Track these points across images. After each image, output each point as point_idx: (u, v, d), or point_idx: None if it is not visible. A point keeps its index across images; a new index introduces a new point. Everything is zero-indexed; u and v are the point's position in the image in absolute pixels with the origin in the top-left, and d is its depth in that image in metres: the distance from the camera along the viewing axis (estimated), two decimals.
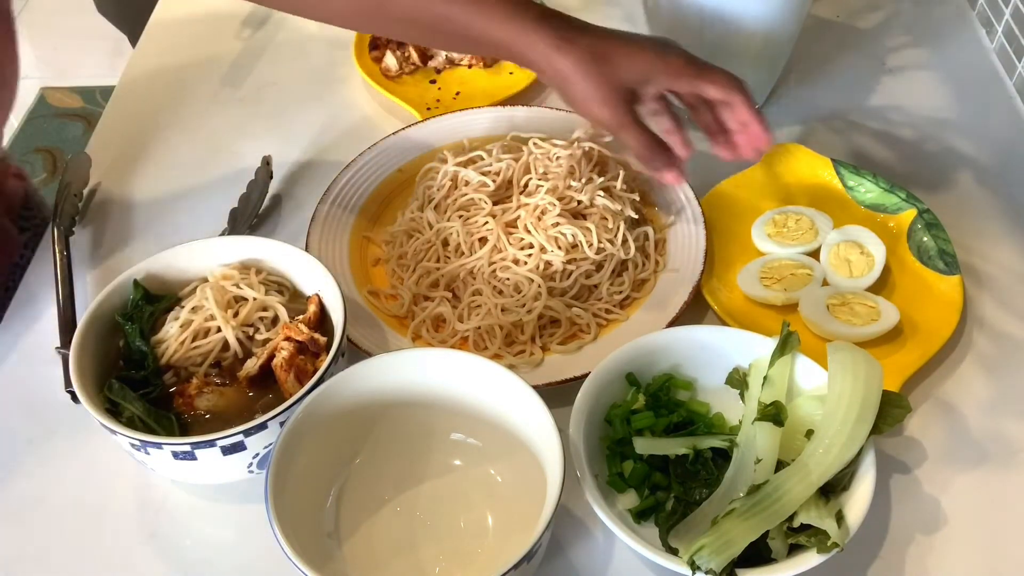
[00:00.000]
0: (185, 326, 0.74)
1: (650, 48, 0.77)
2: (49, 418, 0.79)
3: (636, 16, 1.13)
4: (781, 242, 0.86)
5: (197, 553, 0.72)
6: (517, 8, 0.76)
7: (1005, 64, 1.06)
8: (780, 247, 0.85)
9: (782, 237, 0.86)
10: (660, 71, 0.77)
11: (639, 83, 0.77)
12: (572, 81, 0.76)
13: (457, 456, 0.73)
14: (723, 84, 0.77)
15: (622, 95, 0.76)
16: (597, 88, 0.76)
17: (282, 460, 0.64)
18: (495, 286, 0.83)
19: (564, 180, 0.86)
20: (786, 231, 0.86)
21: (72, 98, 2.51)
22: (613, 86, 0.76)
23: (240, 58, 1.13)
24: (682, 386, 0.75)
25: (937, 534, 0.70)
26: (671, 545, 0.65)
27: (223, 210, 0.93)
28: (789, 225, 0.86)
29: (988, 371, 0.80)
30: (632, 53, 0.76)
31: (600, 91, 0.76)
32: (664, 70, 0.77)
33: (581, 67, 0.75)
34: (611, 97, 0.76)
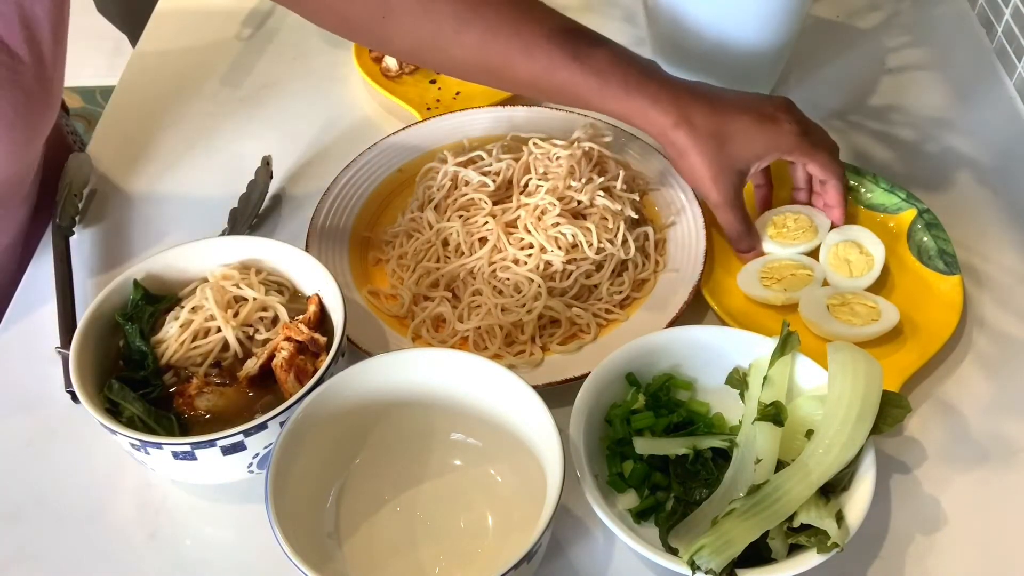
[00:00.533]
0: (185, 326, 0.74)
1: (766, 126, 0.79)
2: (49, 418, 0.79)
3: (636, 16, 1.13)
4: (782, 242, 0.86)
5: (197, 553, 0.72)
6: (635, 84, 0.78)
7: (1005, 64, 1.06)
8: (781, 247, 0.85)
9: (782, 237, 0.86)
10: (772, 151, 0.80)
11: (751, 163, 0.80)
12: (687, 157, 0.80)
13: (457, 456, 0.73)
14: (825, 166, 0.82)
15: (733, 177, 0.80)
16: (709, 168, 0.79)
17: (282, 460, 0.64)
18: (495, 286, 0.83)
19: (564, 180, 0.86)
20: (786, 231, 0.86)
21: (72, 98, 2.51)
22: (726, 167, 0.79)
23: (240, 58, 1.13)
24: (682, 386, 0.75)
25: (937, 534, 0.70)
26: (671, 545, 0.65)
27: (223, 210, 0.93)
28: (788, 225, 0.86)
29: (988, 371, 0.80)
30: (750, 134, 0.79)
31: (712, 171, 0.79)
32: (776, 150, 0.80)
33: (699, 147, 0.79)
34: (721, 179, 0.80)
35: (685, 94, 0.79)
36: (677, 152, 0.80)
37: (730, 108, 0.79)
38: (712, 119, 0.79)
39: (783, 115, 0.80)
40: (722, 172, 0.79)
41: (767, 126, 0.80)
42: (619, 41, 1.07)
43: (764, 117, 0.80)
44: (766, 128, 0.80)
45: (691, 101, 0.79)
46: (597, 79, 0.78)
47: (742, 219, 0.82)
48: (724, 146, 0.79)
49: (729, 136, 0.79)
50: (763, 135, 0.80)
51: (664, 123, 0.79)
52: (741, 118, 0.79)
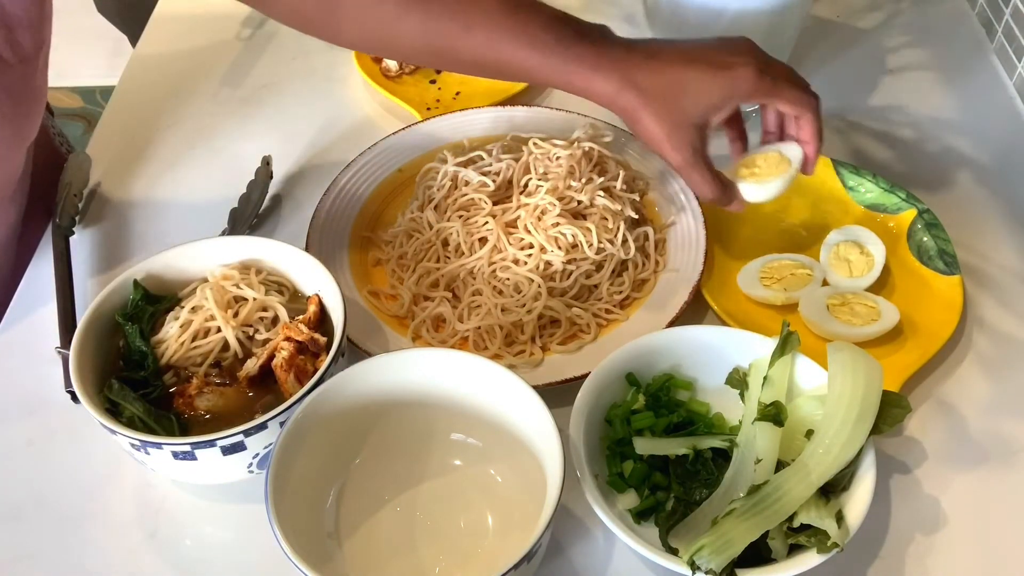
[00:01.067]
0: (185, 326, 0.74)
1: (718, 71, 0.74)
2: (49, 418, 0.79)
3: (636, 16, 1.13)
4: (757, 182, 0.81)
5: (197, 553, 0.72)
6: (576, 55, 0.74)
7: (1005, 64, 1.06)
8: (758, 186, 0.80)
9: (756, 178, 0.81)
10: (729, 99, 0.75)
11: (707, 115, 0.75)
12: (640, 121, 0.75)
13: (457, 456, 0.73)
14: (794, 101, 0.76)
15: (690, 134, 0.75)
16: (662, 128, 0.74)
17: (282, 460, 0.64)
18: (495, 286, 0.83)
19: (564, 180, 0.86)
20: (758, 171, 0.82)
21: (72, 98, 2.51)
22: (680, 124, 0.74)
23: (240, 58, 1.13)
24: (682, 386, 0.75)
25: (937, 534, 0.70)
26: (671, 545, 0.65)
27: (223, 210, 0.93)
28: (759, 164, 0.82)
29: (988, 371, 0.80)
30: (702, 85, 0.74)
31: (665, 130, 0.74)
32: (733, 97, 0.75)
33: (648, 108, 0.74)
34: (677, 138, 0.75)
35: (627, 56, 0.74)
36: (629, 119, 0.75)
37: (677, 61, 0.74)
38: (658, 77, 0.74)
39: (738, 58, 0.74)
40: (677, 130, 0.74)
41: (720, 73, 0.74)
42: None
43: (716, 65, 0.74)
44: (719, 76, 0.74)
45: (634, 62, 0.74)
46: (538, 53, 0.74)
47: (709, 177, 0.76)
48: (675, 103, 0.74)
49: (679, 91, 0.74)
50: (716, 83, 0.74)
51: (609, 91, 0.74)
52: (690, 70, 0.74)
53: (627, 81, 0.74)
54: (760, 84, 0.74)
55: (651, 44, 0.76)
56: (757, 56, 0.75)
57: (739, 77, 0.74)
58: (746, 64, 0.74)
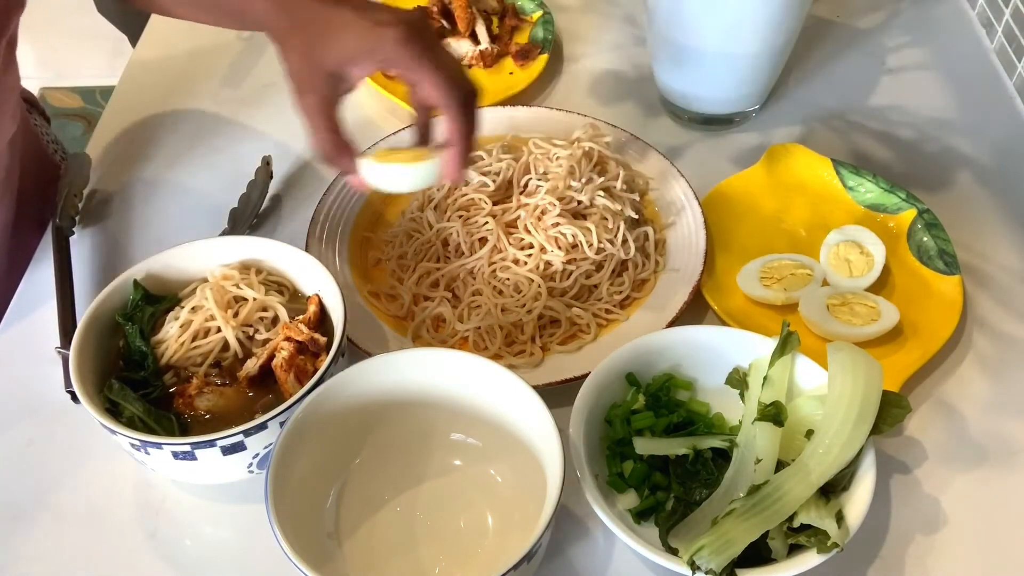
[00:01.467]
0: (185, 326, 0.74)
1: (370, 27, 0.68)
2: (49, 418, 0.79)
3: (636, 16, 1.13)
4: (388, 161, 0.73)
5: (197, 553, 0.72)
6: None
7: (1005, 64, 1.06)
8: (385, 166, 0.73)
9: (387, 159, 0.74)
10: (368, 52, 0.68)
11: (343, 65, 0.69)
12: (280, 47, 0.71)
13: (457, 456, 0.73)
14: (435, 86, 0.69)
15: (320, 78, 0.69)
16: (297, 62, 0.70)
17: (282, 460, 0.64)
18: (495, 286, 0.83)
19: (564, 180, 0.86)
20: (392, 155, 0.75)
21: (72, 98, 2.51)
22: (315, 65, 0.69)
23: (240, 58, 1.13)
24: (682, 386, 0.75)
25: (937, 534, 0.70)
26: (671, 545, 0.65)
27: (223, 210, 0.93)
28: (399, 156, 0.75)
29: (988, 371, 0.80)
30: (347, 31, 0.68)
31: (297, 65, 0.70)
32: (371, 55, 0.68)
33: (292, 39, 0.70)
34: (308, 77, 0.69)
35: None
36: (276, 46, 0.71)
37: (337, 4, 0.69)
38: (311, 12, 0.69)
39: (395, 22, 0.68)
40: (310, 69, 0.69)
41: (368, 27, 0.68)
42: (619, 41, 1.07)
43: (369, 19, 0.68)
44: (368, 30, 0.68)
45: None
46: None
47: (325, 128, 0.70)
48: (317, 40, 0.69)
49: (324, 31, 0.69)
50: (360, 35, 0.68)
51: (264, 9, 0.71)
52: (341, 15, 0.69)
53: (282, 7, 0.71)
54: (401, 51, 0.68)
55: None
56: (415, 28, 0.69)
57: (384, 36, 0.68)
58: (396, 27, 0.68)
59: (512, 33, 1.12)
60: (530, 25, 1.12)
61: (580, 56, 1.11)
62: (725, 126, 1.01)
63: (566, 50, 1.12)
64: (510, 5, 1.13)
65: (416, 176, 0.71)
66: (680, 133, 1.01)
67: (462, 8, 1.09)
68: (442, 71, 0.69)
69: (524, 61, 1.07)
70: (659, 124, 1.02)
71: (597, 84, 1.07)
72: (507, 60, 1.09)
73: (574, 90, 1.07)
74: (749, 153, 0.98)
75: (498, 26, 1.11)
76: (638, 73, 1.08)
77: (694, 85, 0.98)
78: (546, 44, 1.09)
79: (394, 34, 0.67)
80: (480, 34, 1.09)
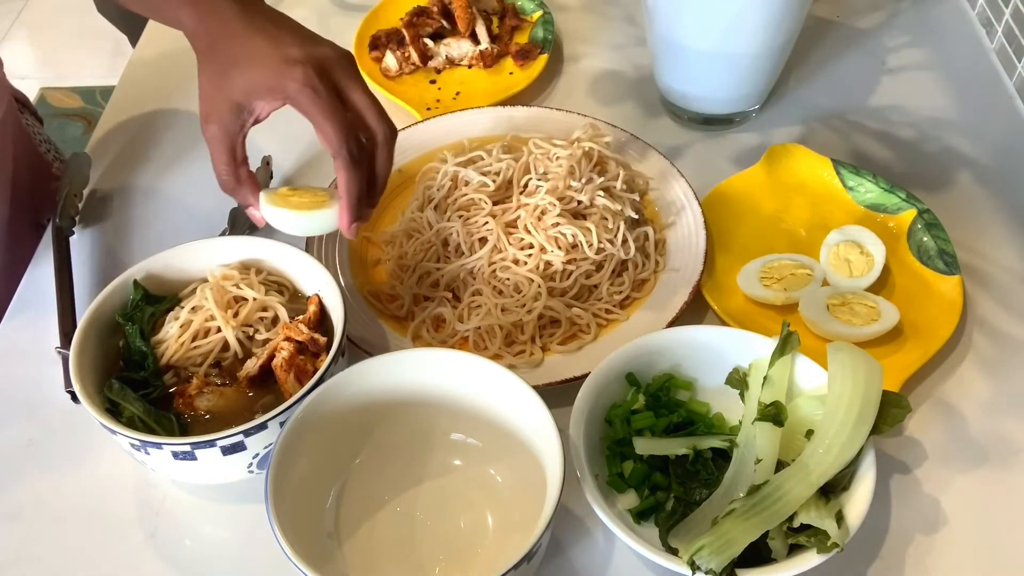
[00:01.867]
0: (185, 326, 0.74)
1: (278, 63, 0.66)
2: (49, 418, 0.79)
3: (636, 16, 1.13)
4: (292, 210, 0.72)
5: (197, 553, 0.72)
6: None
7: (1005, 64, 1.06)
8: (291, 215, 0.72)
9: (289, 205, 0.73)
10: (268, 90, 0.67)
11: (247, 98, 0.68)
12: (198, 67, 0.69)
13: (457, 456, 0.73)
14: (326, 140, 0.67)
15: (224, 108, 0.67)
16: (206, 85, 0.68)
17: (282, 460, 0.64)
18: (495, 286, 0.83)
19: (564, 180, 0.86)
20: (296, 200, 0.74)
21: (72, 98, 2.51)
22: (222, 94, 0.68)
23: None
24: (682, 386, 0.75)
25: (937, 534, 0.70)
26: (671, 545, 0.65)
27: (223, 210, 0.93)
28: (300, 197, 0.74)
29: (988, 371, 0.80)
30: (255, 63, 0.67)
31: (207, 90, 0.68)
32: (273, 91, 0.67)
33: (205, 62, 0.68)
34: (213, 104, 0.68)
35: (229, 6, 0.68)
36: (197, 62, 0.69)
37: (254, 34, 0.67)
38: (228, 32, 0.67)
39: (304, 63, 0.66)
40: (217, 97, 0.67)
41: (277, 64, 0.66)
42: (619, 41, 1.07)
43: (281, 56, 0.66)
44: (274, 66, 0.66)
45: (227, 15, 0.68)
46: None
47: (225, 160, 0.69)
48: (226, 69, 0.67)
49: (234, 59, 0.67)
50: (265, 71, 0.66)
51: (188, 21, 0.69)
52: (255, 42, 0.66)
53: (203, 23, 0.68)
54: (300, 95, 0.66)
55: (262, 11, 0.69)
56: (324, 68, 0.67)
57: (287, 76, 0.66)
58: (303, 67, 0.66)
59: (512, 33, 1.12)
60: (530, 25, 1.12)
61: (580, 56, 1.11)
62: (725, 126, 1.01)
63: (566, 50, 1.12)
64: (510, 5, 1.13)
65: (310, 224, 0.70)
66: (680, 133, 1.01)
67: (462, 8, 1.09)
68: (333, 121, 0.66)
69: (524, 61, 1.07)
70: (659, 124, 1.02)
71: (597, 84, 1.07)
72: (507, 60, 1.09)
73: (574, 90, 1.07)
74: (749, 153, 0.98)
75: (498, 26, 1.12)
76: (638, 73, 1.08)
77: (694, 85, 0.98)
78: (546, 44, 1.09)
79: (298, 75, 0.66)
80: (480, 34, 1.09)
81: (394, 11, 1.13)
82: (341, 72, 0.68)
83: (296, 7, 1.20)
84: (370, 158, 0.70)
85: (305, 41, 0.68)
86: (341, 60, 0.69)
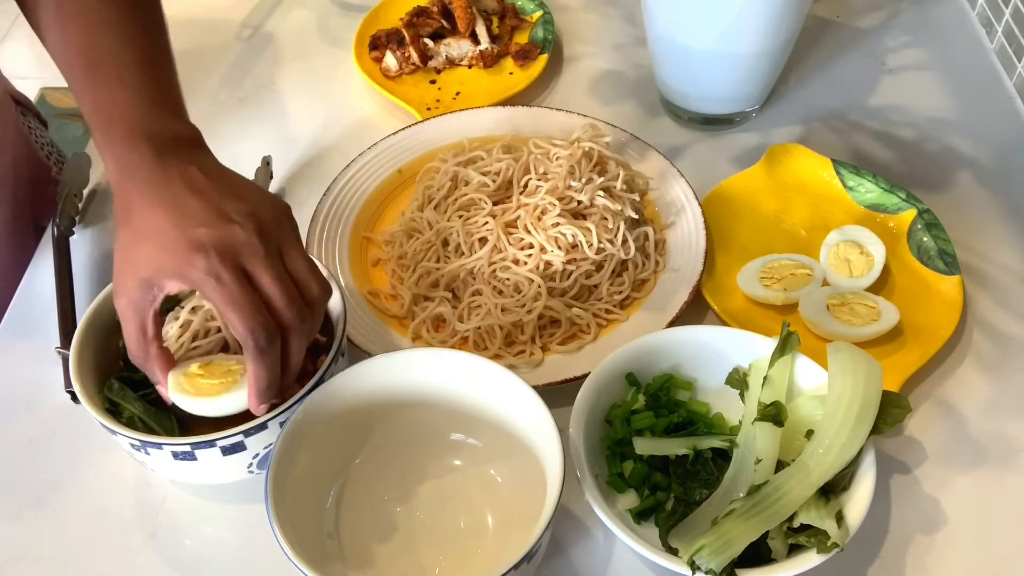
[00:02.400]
0: (185, 327, 0.74)
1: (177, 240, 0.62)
2: (49, 418, 0.79)
3: (636, 16, 1.13)
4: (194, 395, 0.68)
5: (197, 553, 0.72)
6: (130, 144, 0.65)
7: (1005, 64, 1.06)
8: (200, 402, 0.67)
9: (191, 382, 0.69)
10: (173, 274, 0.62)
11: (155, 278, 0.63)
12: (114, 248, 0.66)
13: (457, 456, 0.73)
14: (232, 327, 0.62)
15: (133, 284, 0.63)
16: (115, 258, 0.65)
17: (282, 460, 0.64)
18: (495, 286, 0.83)
19: (564, 180, 0.86)
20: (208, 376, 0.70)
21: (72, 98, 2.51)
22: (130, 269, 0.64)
23: (240, 58, 1.13)
24: (682, 386, 0.75)
25: (937, 534, 0.70)
26: (671, 545, 0.65)
27: None
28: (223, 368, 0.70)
29: (988, 371, 0.80)
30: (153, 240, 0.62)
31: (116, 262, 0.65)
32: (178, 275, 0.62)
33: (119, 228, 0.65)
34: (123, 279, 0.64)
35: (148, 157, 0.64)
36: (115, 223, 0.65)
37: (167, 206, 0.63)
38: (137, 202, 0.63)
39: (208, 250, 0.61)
40: (126, 272, 0.64)
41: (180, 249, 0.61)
42: (619, 41, 1.07)
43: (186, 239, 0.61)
44: (177, 251, 0.61)
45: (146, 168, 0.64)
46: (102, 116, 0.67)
47: (136, 333, 0.65)
48: (138, 242, 0.63)
49: (141, 235, 0.63)
50: (168, 255, 0.62)
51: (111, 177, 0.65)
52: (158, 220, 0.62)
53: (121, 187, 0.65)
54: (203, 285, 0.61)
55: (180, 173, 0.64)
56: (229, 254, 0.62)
57: (189, 264, 0.61)
58: (206, 255, 0.61)
59: (512, 33, 1.12)
60: (530, 25, 1.12)
61: (580, 56, 1.11)
62: (725, 126, 1.01)
63: (566, 50, 1.12)
64: (510, 5, 1.13)
65: (218, 408, 0.67)
66: (680, 133, 1.01)
67: (462, 8, 1.09)
68: (238, 312, 0.61)
69: (524, 61, 1.07)
70: (659, 124, 1.02)
71: (597, 84, 1.07)
72: (507, 60, 1.09)
73: (574, 90, 1.07)
74: (749, 153, 0.98)
75: (498, 26, 1.11)
76: (638, 73, 1.08)
77: (694, 85, 0.98)
78: (546, 44, 1.09)
79: (200, 263, 0.61)
80: (480, 34, 1.09)
81: (394, 11, 1.13)
82: (256, 248, 0.63)
83: (296, 7, 1.20)
84: (284, 344, 0.64)
85: (215, 219, 0.63)
86: (261, 231, 0.63)
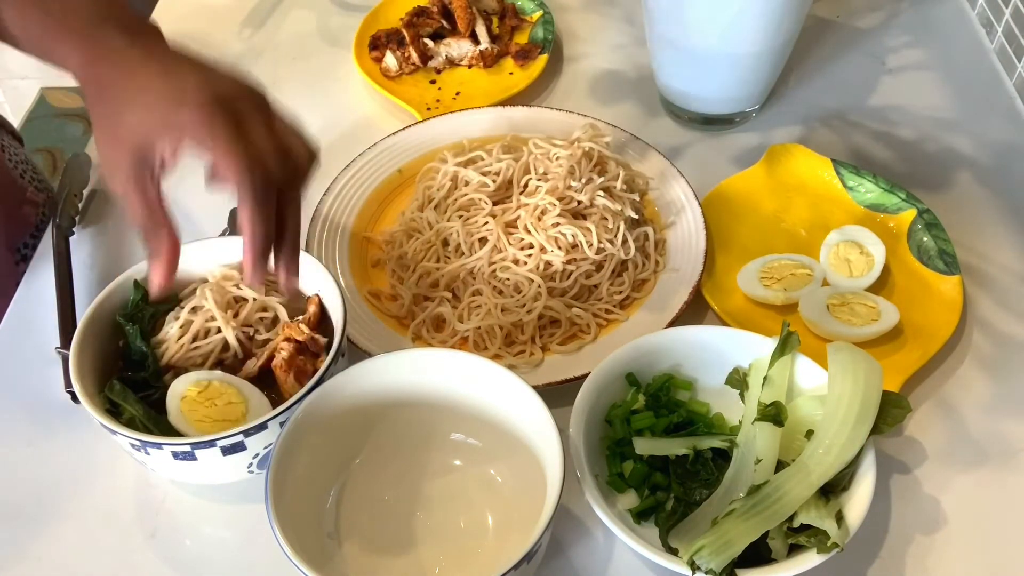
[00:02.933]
0: (185, 327, 0.74)
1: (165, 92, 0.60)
2: (49, 418, 0.79)
3: (636, 16, 1.13)
4: None
5: (197, 553, 0.72)
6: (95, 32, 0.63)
7: (1005, 64, 1.06)
8: None
9: None
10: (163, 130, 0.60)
11: (145, 143, 0.60)
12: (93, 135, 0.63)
13: (457, 456, 0.73)
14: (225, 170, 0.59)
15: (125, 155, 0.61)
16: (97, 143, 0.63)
17: (282, 460, 0.64)
18: (495, 286, 0.83)
19: (564, 180, 0.86)
20: None
21: (72, 98, 2.51)
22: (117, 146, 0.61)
23: (240, 58, 1.13)
24: (682, 386, 0.75)
25: (937, 534, 0.70)
26: (671, 545, 0.65)
27: (223, 210, 0.92)
28: None
29: (988, 371, 0.80)
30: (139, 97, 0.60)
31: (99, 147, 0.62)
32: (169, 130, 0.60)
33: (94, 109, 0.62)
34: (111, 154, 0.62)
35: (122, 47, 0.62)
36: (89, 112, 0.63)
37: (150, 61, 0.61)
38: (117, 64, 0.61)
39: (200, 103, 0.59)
40: (114, 151, 0.61)
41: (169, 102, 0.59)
42: (619, 41, 1.07)
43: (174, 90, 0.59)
44: (166, 103, 0.59)
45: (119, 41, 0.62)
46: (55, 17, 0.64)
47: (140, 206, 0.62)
48: (116, 113, 0.61)
49: (122, 99, 0.60)
50: (157, 110, 0.59)
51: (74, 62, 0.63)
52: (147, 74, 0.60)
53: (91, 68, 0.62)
54: (193, 126, 0.59)
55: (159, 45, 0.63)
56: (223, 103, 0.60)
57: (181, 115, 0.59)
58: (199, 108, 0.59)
59: (512, 33, 1.12)
60: (530, 25, 1.12)
61: (580, 56, 1.11)
62: (725, 126, 1.01)
63: (566, 50, 1.12)
64: (510, 5, 1.13)
65: None
66: (680, 133, 1.01)
67: (462, 8, 1.09)
68: (231, 151, 0.59)
69: (524, 61, 1.07)
70: (659, 124, 1.02)
71: (597, 84, 1.07)
72: (507, 60, 1.09)
73: (574, 90, 1.07)
74: (749, 153, 0.98)
75: (498, 26, 1.12)
76: (638, 73, 1.08)
77: (694, 85, 0.98)
78: (546, 44, 1.09)
79: (191, 103, 0.59)
80: (480, 34, 1.09)
81: (394, 11, 1.13)
82: (245, 105, 0.61)
83: (296, 7, 1.20)
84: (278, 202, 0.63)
85: (204, 72, 0.61)
86: (247, 94, 0.62)
